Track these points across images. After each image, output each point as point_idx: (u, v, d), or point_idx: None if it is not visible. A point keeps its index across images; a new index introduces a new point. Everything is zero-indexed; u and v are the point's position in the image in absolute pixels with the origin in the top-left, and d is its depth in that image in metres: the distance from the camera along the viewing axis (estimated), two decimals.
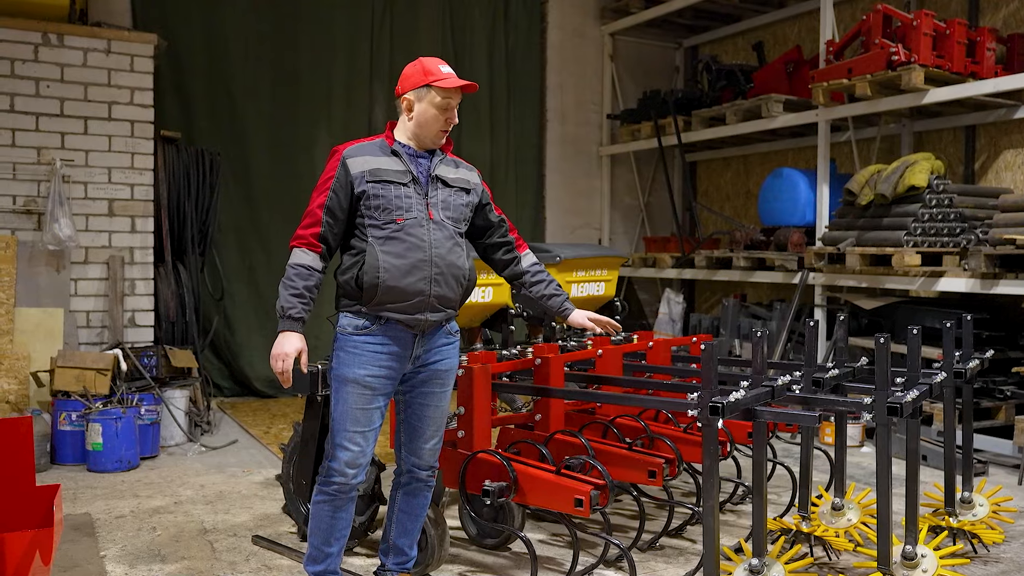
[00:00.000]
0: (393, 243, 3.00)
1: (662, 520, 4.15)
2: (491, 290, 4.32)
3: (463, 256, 3.15)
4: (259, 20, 7.72)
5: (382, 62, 8.26)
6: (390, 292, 2.99)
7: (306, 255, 3.00)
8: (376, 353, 3.04)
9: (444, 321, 3.16)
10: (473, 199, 3.25)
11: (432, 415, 3.22)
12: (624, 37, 9.41)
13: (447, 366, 3.22)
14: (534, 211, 9.15)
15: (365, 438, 3.09)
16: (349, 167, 3.02)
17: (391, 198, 3.00)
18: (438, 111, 3.07)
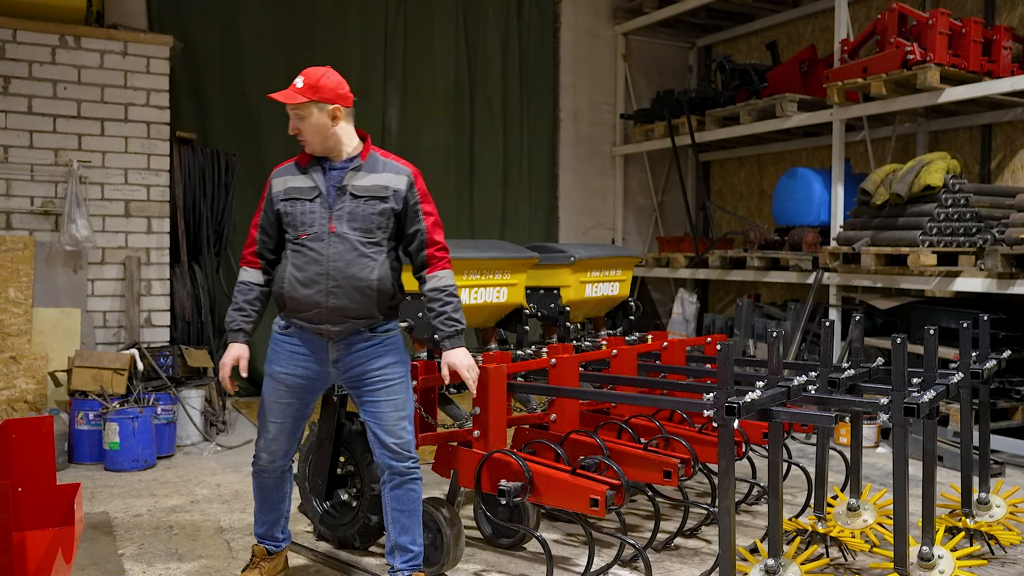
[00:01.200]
0: (297, 256, 3.18)
1: (677, 520, 4.15)
2: (505, 290, 4.32)
3: (370, 267, 3.17)
4: (274, 21, 7.76)
5: (395, 63, 8.29)
6: (293, 302, 3.18)
7: (246, 272, 3.31)
8: (292, 353, 3.26)
9: (359, 328, 3.21)
10: (390, 206, 3.22)
11: (383, 410, 3.25)
12: (637, 37, 9.40)
13: (376, 364, 3.25)
14: (547, 211, 9.16)
15: (277, 429, 3.32)
16: (272, 187, 3.27)
17: (297, 215, 3.18)
18: None
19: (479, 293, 4.21)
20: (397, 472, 3.29)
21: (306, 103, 3.14)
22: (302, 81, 3.17)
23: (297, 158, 3.28)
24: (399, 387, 3.29)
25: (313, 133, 3.17)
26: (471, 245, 4.33)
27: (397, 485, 3.30)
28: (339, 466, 4.12)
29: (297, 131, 3.19)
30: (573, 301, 4.81)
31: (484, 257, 4.18)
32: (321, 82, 3.16)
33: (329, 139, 3.19)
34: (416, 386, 3.78)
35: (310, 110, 3.15)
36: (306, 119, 3.16)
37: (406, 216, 3.27)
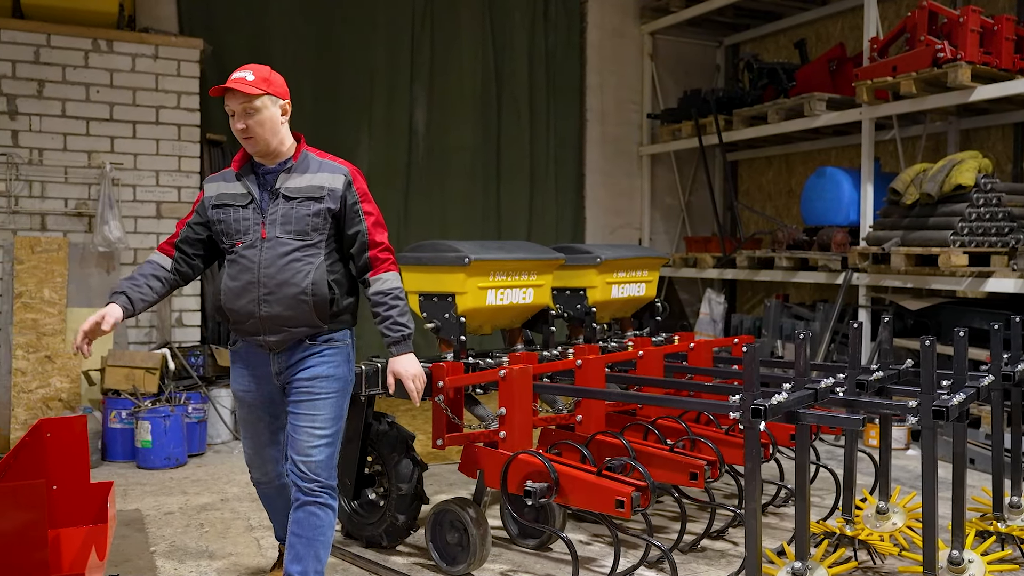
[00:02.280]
0: (231, 266, 3.06)
1: (704, 522, 4.14)
2: (531, 291, 4.33)
3: (304, 271, 2.99)
4: (302, 24, 7.81)
5: (422, 64, 8.32)
6: (231, 314, 3.07)
7: (154, 254, 3.18)
8: (243, 368, 3.17)
9: (300, 338, 3.05)
10: (327, 206, 3.03)
11: (299, 423, 3.03)
12: (664, 36, 9.37)
13: (311, 373, 3.05)
14: (574, 211, 9.15)
15: (254, 445, 3.24)
16: (205, 191, 3.16)
17: (230, 222, 3.05)
18: (231, 120, 3.00)
19: (505, 294, 4.22)
20: (301, 491, 3.04)
21: (261, 95, 2.94)
22: (252, 74, 2.96)
23: (229, 166, 3.14)
24: (323, 403, 3.05)
25: (265, 129, 2.96)
26: (497, 246, 4.35)
27: (299, 505, 3.05)
28: (367, 465, 4.17)
29: (244, 129, 2.95)
30: (599, 302, 4.81)
31: (510, 258, 4.20)
32: (272, 76, 3.01)
33: (275, 136, 3.00)
34: (443, 387, 3.81)
35: (264, 103, 2.95)
36: (259, 112, 2.93)
37: (345, 217, 3.07)
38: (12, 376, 5.79)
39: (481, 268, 4.07)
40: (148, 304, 3.06)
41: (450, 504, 3.72)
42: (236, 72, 2.97)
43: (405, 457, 3.93)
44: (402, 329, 3.10)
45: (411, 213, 8.31)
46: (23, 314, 5.86)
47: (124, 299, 3.00)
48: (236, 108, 2.94)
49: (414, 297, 4.23)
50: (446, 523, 3.76)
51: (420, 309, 4.21)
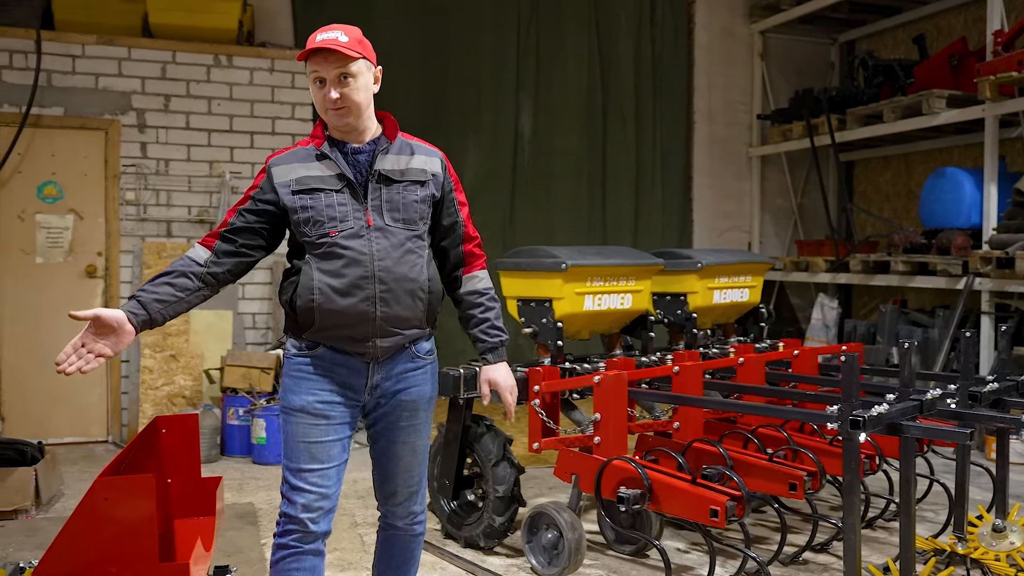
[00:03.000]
0: (327, 260, 2.52)
1: (809, 534, 4.04)
2: (630, 296, 4.32)
3: (420, 265, 2.59)
4: (410, 35, 8.00)
5: (528, 71, 8.39)
6: (329, 316, 2.52)
7: (192, 249, 2.60)
8: (321, 378, 2.57)
9: (406, 344, 2.62)
10: (431, 192, 2.64)
11: (401, 453, 2.68)
12: (775, 35, 9.15)
13: (415, 395, 2.65)
14: (681, 215, 9.04)
15: (325, 477, 2.54)
16: (273, 176, 2.58)
17: (321, 208, 2.53)
18: (315, 88, 2.53)
19: (602, 300, 4.23)
20: (394, 525, 2.78)
21: (359, 59, 2.49)
22: (343, 35, 2.49)
23: (300, 144, 2.65)
24: (424, 429, 2.74)
25: (360, 97, 2.51)
26: (594, 252, 4.36)
27: (389, 537, 2.80)
28: (466, 467, 4.25)
29: (338, 99, 2.48)
30: (700, 307, 4.76)
31: (607, 264, 4.20)
32: (364, 39, 2.56)
33: (369, 108, 2.57)
34: (539, 391, 3.85)
35: (360, 68, 2.50)
36: (356, 79, 2.49)
37: (443, 206, 2.69)
38: (140, 374, 6.15)
39: (578, 274, 4.09)
40: (171, 307, 2.47)
41: (546, 507, 3.75)
42: (322, 32, 2.49)
43: (502, 460, 3.98)
44: (499, 334, 2.78)
45: (516, 219, 8.39)
46: None
47: (134, 303, 2.43)
48: (329, 74, 2.46)
49: (512, 302, 4.29)
50: (542, 526, 3.80)
51: (518, 314, 4.27)
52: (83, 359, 2.31)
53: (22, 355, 5.99)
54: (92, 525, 2.12)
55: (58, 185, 6.19)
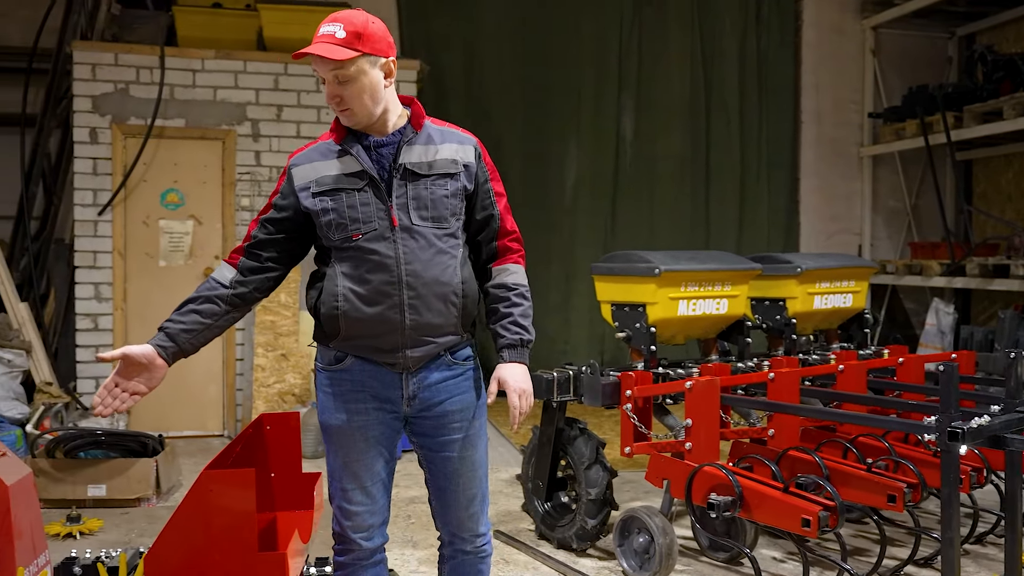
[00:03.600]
0: (352, 264, 2.36)
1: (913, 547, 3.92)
2: (726, 302, 4.28)
3: (453, 267, 2.39)
4: (512, 41, 8.12)
5: (630, 73, 8.39)
6: (354, 325, 2.36)
7: (218, 269, 2.49)
8: (355, 393, 2.41)
9: (441, 352, 2.43)
10: (462, 184, 2.43)
11: (460, 469, 2.47)
12: (887, 30, 8.85)
13: (459, 404, 2.45)
14: (787, 217, 8.86)
15: (368, 494, 2.42)
16: (293, 178, 2.43)
17: (343, 210, 2.35)
18: (324, 87, 2.37)
19: (697, 305, 4.20)
20: (461, 549, 2.56)
21: (355, 59, 2.28)
22: (342, 28, 2.29)
23: (321, 138, 2.47)
24: (478, 441, 2.52)
25: (363, 99, 2.31)
26: (689, 256, 4.34)
27: (459, 564, 2.59)
28: (559, 469, 4.30)
29: (337, 99, 2.32)
30: (800, 313, 4.67)
31: (702, 269, 4.18)
32: (369, 28, 2.31)
33: (380, 104, 2.35)
34: (631, 395, 3.87)
35: (359, 67, 2.29)
36: (354, 81, 2.29)
37: (476, 198, 2.48)
38: (253, 372, 6.44)
39: (672, 279, 4.08)
40: (199, 335, 2.39)
41: (637, 511, 3.77)
42: (324, 25, 2.32)
43: (595, 463, 4.01)
44: (521, 333, 2.49)
45: (618, 221, 8.40)
46: (263, 316, 6.51)
47: (161, 336, 2.36)
48: (326, 75, 2.31)
49: (606, 306, 4.32)
50: (633, 530, 3.81)
51: (612, 318, 4.29)
52: (118, 399, 2.29)
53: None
54: (198, 514, 2.27)
55: (179, 192, 6.55)
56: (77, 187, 6.38)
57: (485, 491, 2.56)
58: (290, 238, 2.46)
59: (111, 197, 6.35)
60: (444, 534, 2.58)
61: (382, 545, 2.52)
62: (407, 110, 2.45)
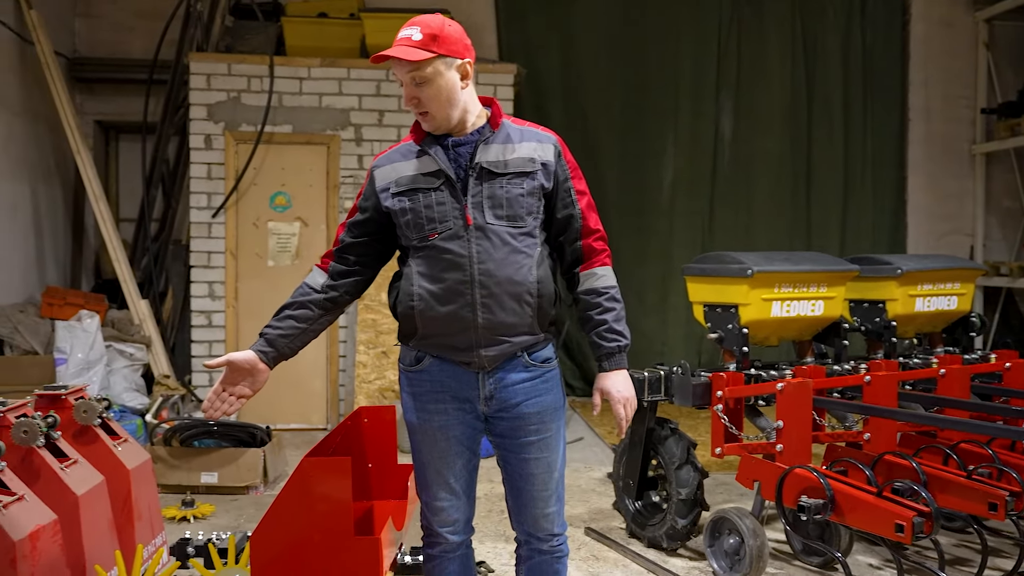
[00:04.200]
0: (427, 263, 2.40)
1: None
2: (821, 303, 4.22)
3: (528, 266, 2.38)
4: (609, 42, 8.15)
5: (729, 71, 8.30)
6: (429, 323, 2.40)
7: (310, 274, 2.59)
8: (435, 392, 2.46)
9: (517, 352, 2.44)
10: (539, 182, 2.42)
11: (535, 471, 2.49)
12: (1002, 22, 8.49)
13: (537, 406, 2.45)
14: (894, 217, 8.59)
15: (452, 490, 2.50)
16: (375, 180, 2.50)
17: (420, 210, 2.40)
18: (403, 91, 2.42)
19: (791, 306, 4.16)
20: (538, 549, 2.59)
21: (430, 60, 2.32)
22: (419, 31, 2.33)
23: (403, 140, 2.52)
24: (555, 442, 2.52)
25: (440, 100, 2.35)
26: (783, 258, 4.30)
27: (536, 564, 2.61)
28: (650, 469, 4.33)
29: (415, 101, 2.37)
30: (900, 315, 4.56)
31: (796, 270, 4.14)
32: (445, 31, 2.35)
33: (457, 106, 2.38)
34: (721, 396, 3.87)
35: (436, 68, 2.33)
36: (430, 82, 2.33)
37: (556, 196, 2.46)
38: (355, 369, 6.67)
39: (765, 280, 4.06)
40: (296, 339, 2.50)
41: (728, 512, 3.76)
42: (403, 29, 2.38)
43: (686, 463, 4.03)
44: (618, 339, 2.50)
45: (716, 222, 8.33)
46: (364, 315, 6.73)
47: (261, 342, 2.47)
48: (404, 78, 2.36)
49: (699, 307, 4.32)
50: (724, 531, 3.81)
51: (704, 319, 4.29)
52: (226, 403, 2.43)
53: None
54: (299, 498, 2.42)
55: (287, 195, 6.84)
56: (193, 191, 6.74)
57: (561, 492, 2.58)
58: (375, 240, 2.53)
59: (224, 200, 6.68)
60: (520, 533, 2.62)
61: (468, 538, 2.61)
62: (487, 110, 2.48)
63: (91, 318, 6.20)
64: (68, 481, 3.19)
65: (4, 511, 2.77)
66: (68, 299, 6.44)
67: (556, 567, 2.61)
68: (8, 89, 6.53)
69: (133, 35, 7.72)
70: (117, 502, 3.55)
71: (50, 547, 2.90)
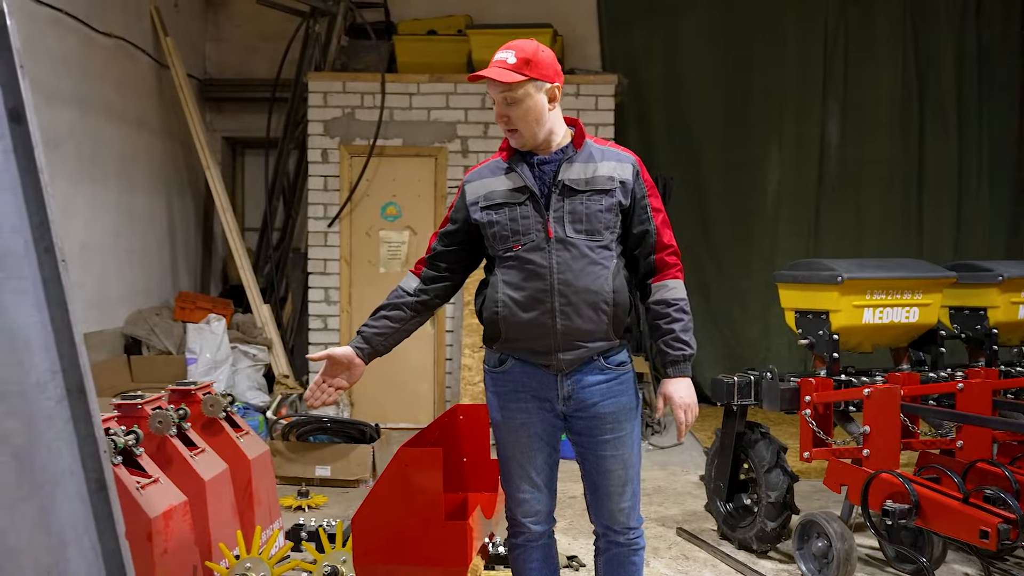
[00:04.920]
0: (511, 273, 2.60)
1: None
2: (916, 310, 4.22)
3: (604, 276, 2.57)
4: (713, 48, 8.18)
5: (835, 76, 8.21)
6: (512, 329, 2.60)
7: (404, 279, 2.81)
8: (516, 391, 2.66)
9: (593, 356, 2.61)
10: (617, 199, 2.59)
11: (611, 467, 2.65)
12: None
13: (611, 407, 2.62)
14: (1012, 221, 8.30)
15: (534, 484, 2.70)
16: (466, 194, 2.71)
17: (506, 223, 2.60)
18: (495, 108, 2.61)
19: (884, 313, 4.17)
20: (615, 541, 2.74)
21: (522, 83, 2.51)
22: (513, 55, 2.53)
23: (492, 157, 2.74)
24: (629, 441, 2.68)
25: (528, 120, 2.54)
26: (877, 264, 4.31)
27: (613, 556, 2.76)
28: (742, 472, 4.40)
29: (505, 119, 2.57)
30: (1003, 323, 4.49)
31: (889, 277, 4.15)
32: (538, 56, 2.54)
33: (544, 126, 2.58)
34: (809, 402, 3.93)
35: (526, 90, 2.52)
36: (520, 103, 2.52)
37: (633, 213, 2.64)
38: (460, 371, 6.94)
39: (856, 287, 4.09)
40: (390, 338, 2.73)
41: (816, 516, 3.81)
42: (499, 51, 2.59)
43: (775, 467, 4.09)
44: (684, 348, 2.64)
45: (822, 229, 8.24)
46: (469, 319, 7.00)
47: (358, 339, 2.71)
48: (496, 96, 2.56)
49: (790, 313, 4.38)
50: (812, 534, 3.86)
51: (796, 325, 4.35)
52: (325, 393, 2.64)
53: None
54: (395, 484, 2.66)
55: (397, 205, 7.18)
56: (310, 202, 7.17)
57: (636, 488, 2.73)
58: (464, 249, 2.74)
59: (339, 210, 7.08)
60: (598, 527, 2.77)
61: (550, 529, 2.80)
62: (571, 130, 2.68)
63: (218, 321, 6.69)
64: (197, 467, 3.55)
65: (141, 491, 3.12)
66: (198, 303, 6.97)
67: (632, 559, 2.75)
68: (147, 110, 7.11)
69: (258, 56, 8.25)
70: (239, 488, 3.90)
71: (180, 525, 3.24)
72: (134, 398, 3.57)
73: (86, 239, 6.09)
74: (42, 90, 5.52)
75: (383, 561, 2.62)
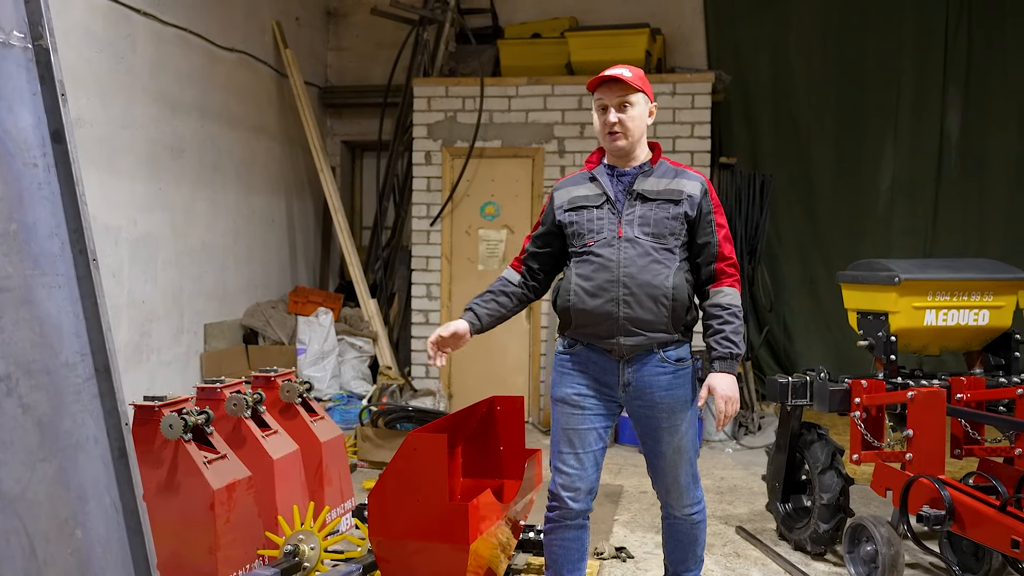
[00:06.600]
0: (583, 265, 2.94)
1: None
2: (987, 313, 4.06)
3: (664, 273, 2.88)
4: (824, 38, 7.96)
5: (957, 65, 7.81)
6: (581, 315, 2.92)
7: (505, 271, 3.19)
8: (580, 373, 2.97)
9: (653, 346, 2.91)
10: (684, 210, 2.93)
11: (666, 452, 2.98)
12: None
13: (668, 399, 2.93)
14: None
15: (579, 460, 2.95)
16: (554, 199, 3.09)
17: (583, 223, 2.97)
18: (598, 115, 2.97)
19: (949, 315, 4.05)
20: (674, 515, 3.10)
21: (638, 91, 2.91)
22: (629, 71, 2.92)
23: (581, 170, 3.12)
24: (683, 428, 2.97)
25: (635, 125, 2.92)
26: (942, 264, 4.19)
27: (671, 524, 3.14)
28: (800, 473, 4.38)
29: (616, 123, 2.90)
30: None
31: (953, 278, 4.03)
32: (645, 77, 2.96)
33: (641, 136, 2.97)
34: (859, 403, 3.88)
35: (639, 99, 2.93)
36: (633, 108, 2.90)
37: (698, 225, 2.97)
38: None
39: (916, 288, 4.00)
40: (495, 319, 3.12)
41: (864, 520, 3.76)
42: (614, 68, 2.95)
43: (830, 469, 4.05)
44: (731, 347, 2.93)
45: (940, 228, 7.89)
46: None
47: (471, 315, 3.09)
48: (611, 101, 2.90)
49: (852, 314, 4.32)
50: (862, 538, 3.81)
51: (857, 326, 4.28)
52: (437, 356, 3.04)
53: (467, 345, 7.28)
54: (406, 465, 2.88)
55: (496, 205, 7.43)
56: (414, 202, 7.53)
57: (694, 471, 3.04)
58: (553, 249, 3.12)
59: (440, 210, 7.40)
60: (659, 498, 3.10)
61: (586, 511, 3.02)
62: (651, 152, 3.05)
63: (326, 314, 7.14)
64: (267, 446, 3.90)
65: (208, 466, 3.48)
66: (310, 298, 7.46)
67: (692, 532, 3.10)
68: (268, 117, 7.66)
69: (375, 63, 8.70)
70: (310, 469, 4.23)
71: (243, 498, 3.58)
72: (214, 382, 3.96)
73: (206, 238, 6.65)
74: (167, 102, 6.10)
75: (394, 536, 2.85)
